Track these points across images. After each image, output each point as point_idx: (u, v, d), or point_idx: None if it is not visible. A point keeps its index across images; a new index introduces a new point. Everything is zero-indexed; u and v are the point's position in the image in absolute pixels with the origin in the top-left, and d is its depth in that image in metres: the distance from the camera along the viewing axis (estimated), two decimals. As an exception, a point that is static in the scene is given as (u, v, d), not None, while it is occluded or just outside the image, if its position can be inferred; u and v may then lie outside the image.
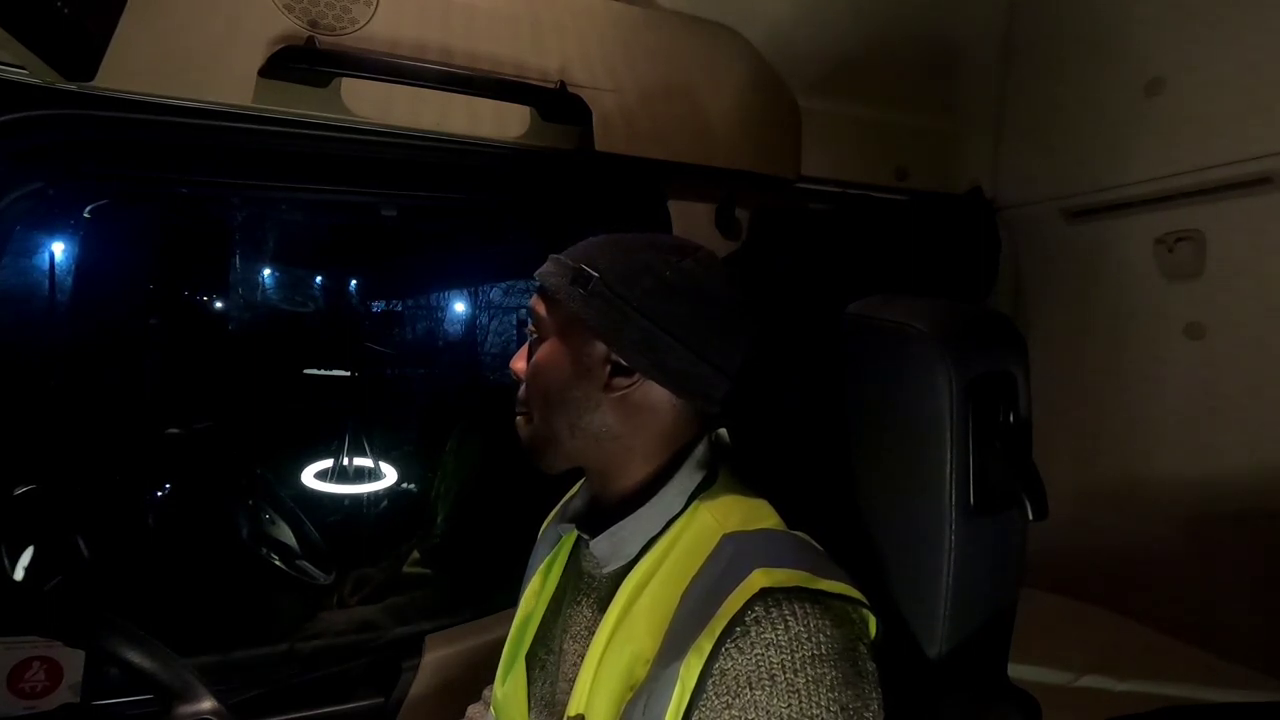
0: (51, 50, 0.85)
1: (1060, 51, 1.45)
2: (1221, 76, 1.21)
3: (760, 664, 0.57)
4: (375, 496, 3.09)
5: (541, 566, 0.84)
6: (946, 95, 1.53)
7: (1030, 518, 0.67)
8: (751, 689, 0.56)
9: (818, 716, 0.55)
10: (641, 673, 0.62)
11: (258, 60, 1.00)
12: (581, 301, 0.70)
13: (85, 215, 1.72)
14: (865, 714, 0.57)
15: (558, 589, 0.82)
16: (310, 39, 1.01)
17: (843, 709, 0.56)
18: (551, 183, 1.29)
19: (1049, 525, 0.68)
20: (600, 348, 0.71)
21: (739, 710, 0.56)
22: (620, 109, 1.21)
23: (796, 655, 0.57)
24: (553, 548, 0.84)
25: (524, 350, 0.79)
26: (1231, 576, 1.29)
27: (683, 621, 0.61)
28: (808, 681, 0.56)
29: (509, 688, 0.82)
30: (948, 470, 0.67)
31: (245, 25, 0.99)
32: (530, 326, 0.78)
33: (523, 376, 0.78)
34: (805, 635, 0.57)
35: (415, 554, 2.07)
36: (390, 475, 3.02)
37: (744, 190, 1.39)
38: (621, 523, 0.71)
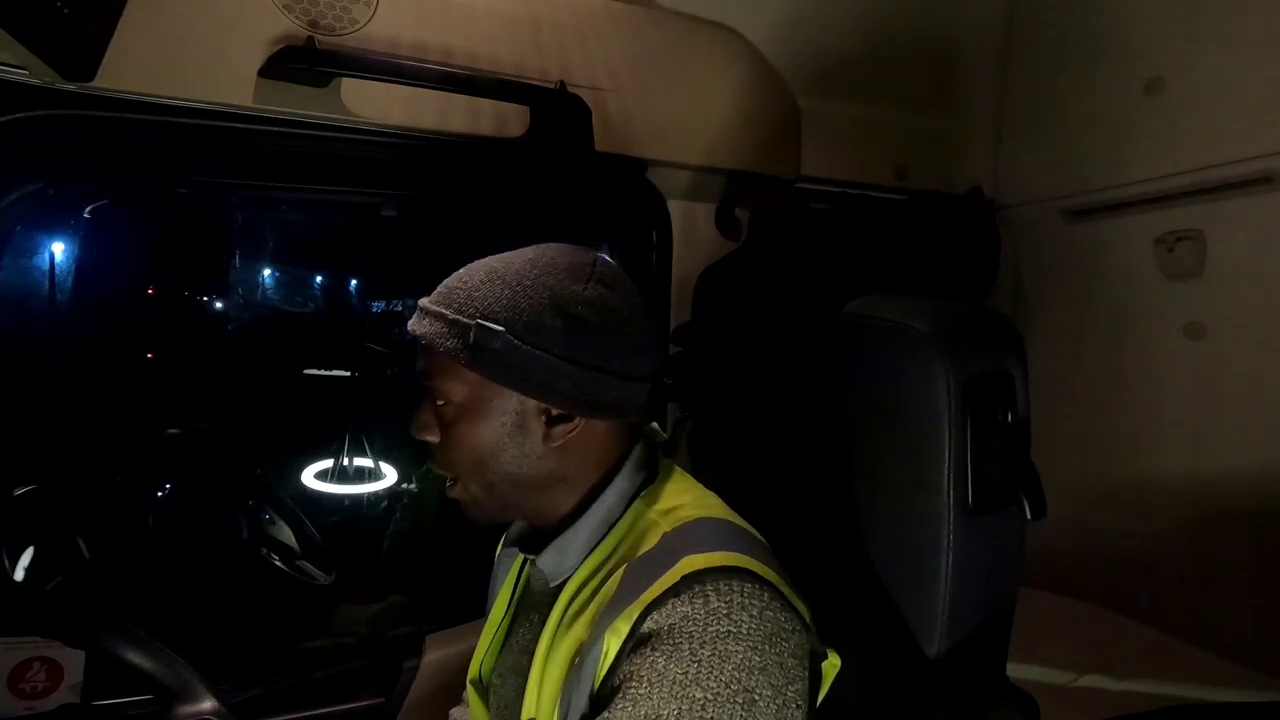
0: (51, 50, 0.85)
1: (1060, 51, 1.44)
2: (1221, 76, 1.21)
3: (671, 631, 0.57)
4: (375, 496, 3.09)
5: (501, 593, 0.84)
6: (946, 95, 1.53)
7: (1029, 517, 0.67)
8: (653, 650, 0.56)
9: (711, 690, 0.54)
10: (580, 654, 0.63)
11: (258, 60, 1.00)
12: (494, 365, 0.64)
13: (85, 215, 1.72)
14: (771, 704, 0.56)
15: (514, 612, 0.82)
16: (310, 39, 1.01)
17: (743, 690, 0.55)
18: (551, 182, 1.29)
19: (1049, 525, 0.68)
20: (530, 402, 0.66)
21: (636, 665, 0.56)
22: (620, 109, 1.21)
23: (709, 629, 0.56)
24: (508, 573, 0.84)
25: (425, 411, 0.71)
26: (1231, 576, 1.29)
27: (617, 601, 0.62)
28: (712, 655, 0.55)
29: (473, 712, 0.83)
30: (946, 469, 0.68)
31: (245, 25, 0.99)
32: (433, 395, 0.69)
33: (433, 443, 0.71)
34: (724, 612, 0.57)
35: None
36: (390, 475, 3.02)
37: (744, 190, 1.39)
38: (564, 535, 0.69)
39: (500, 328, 0.64)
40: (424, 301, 0.70)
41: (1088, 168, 1.42)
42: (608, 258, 0.72)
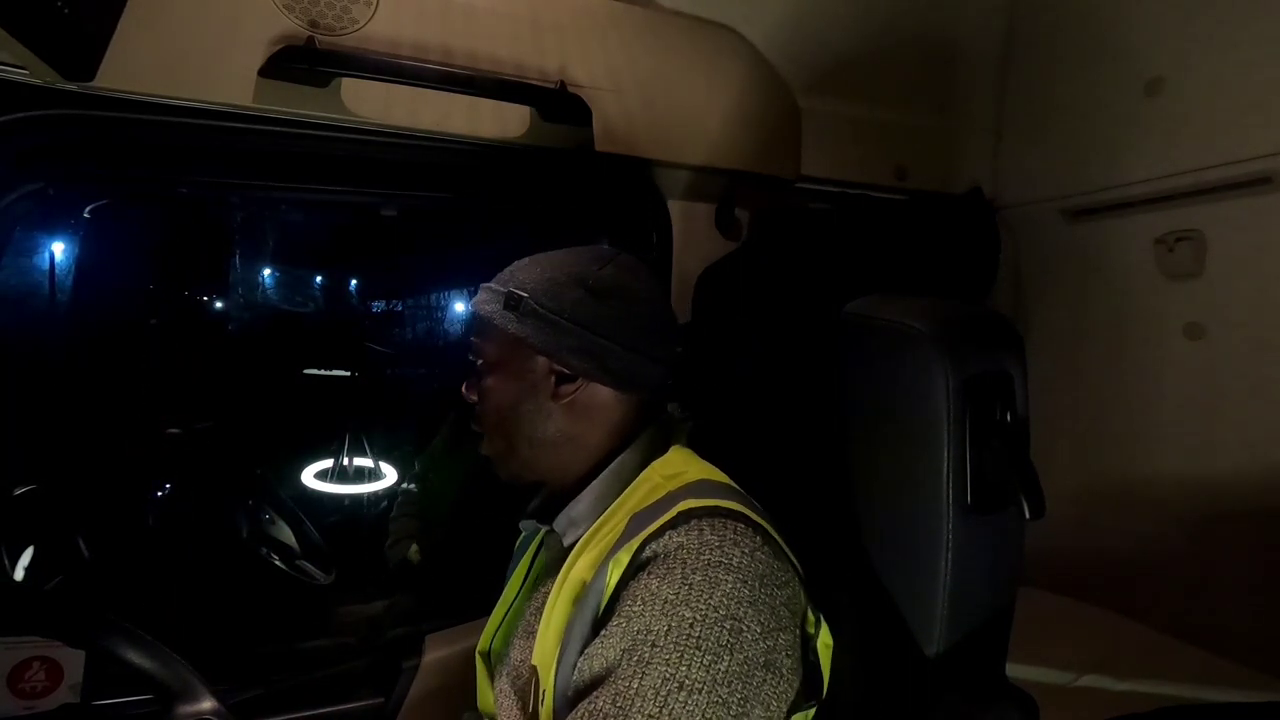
0: (51, 50, 0.85)
1: (1060, 51, 1.44)
2: (1221, 76, 1.21)
3: (666, 556, 0.61)
4: (375, 496, 3.09)
5: (516, 571, 0.88)
6: (946, 95, 1.53)
7: (1027, 516, 0.67)
8: (649, 574, 0.61)
9: (700, 611, 0.57)
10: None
11: (258, 60, 1.00)
12: (517, 322, 0.76)
13: (85, 215, 1.72)
14: (759, 642, 0.58)
15: (530, 588, 0.85)
16: (310, 39, 1.01)
17: (730, 616, 0.58)
18: (551, 183, 1.29)
19: (1049, 525, 0.68)
20: (542, 361, 0.76)
21: (631, 588, 0.61)
22: (620, 109, 1.21)
23: (701, 558, 0.60)
24: (525, 555, 0.88)
25: (472, 375, 0.83)
26: (1231, 576, 1.29)
27: (619, 542, 0.66)
28: (703, 580, 0.59)
29: (479, 684, 0.87)
30: (945, 469, 0.68)
31: (245, 25, 0.99)
32: (474, 355, 0.82)
33: (473, 401, 0.82)
34: (716, 544, 0.61)
35: (414, 548, 2.06)
36: (390, 475, 3.02)
37: (744, 190, 1.39)
38: (578, 496, 0.76)
39: (526, 294, 0.76)
40: (484, 284, 0.82)
41: (1088, 168, 1.42)
42: (632, 256, 0.81)
